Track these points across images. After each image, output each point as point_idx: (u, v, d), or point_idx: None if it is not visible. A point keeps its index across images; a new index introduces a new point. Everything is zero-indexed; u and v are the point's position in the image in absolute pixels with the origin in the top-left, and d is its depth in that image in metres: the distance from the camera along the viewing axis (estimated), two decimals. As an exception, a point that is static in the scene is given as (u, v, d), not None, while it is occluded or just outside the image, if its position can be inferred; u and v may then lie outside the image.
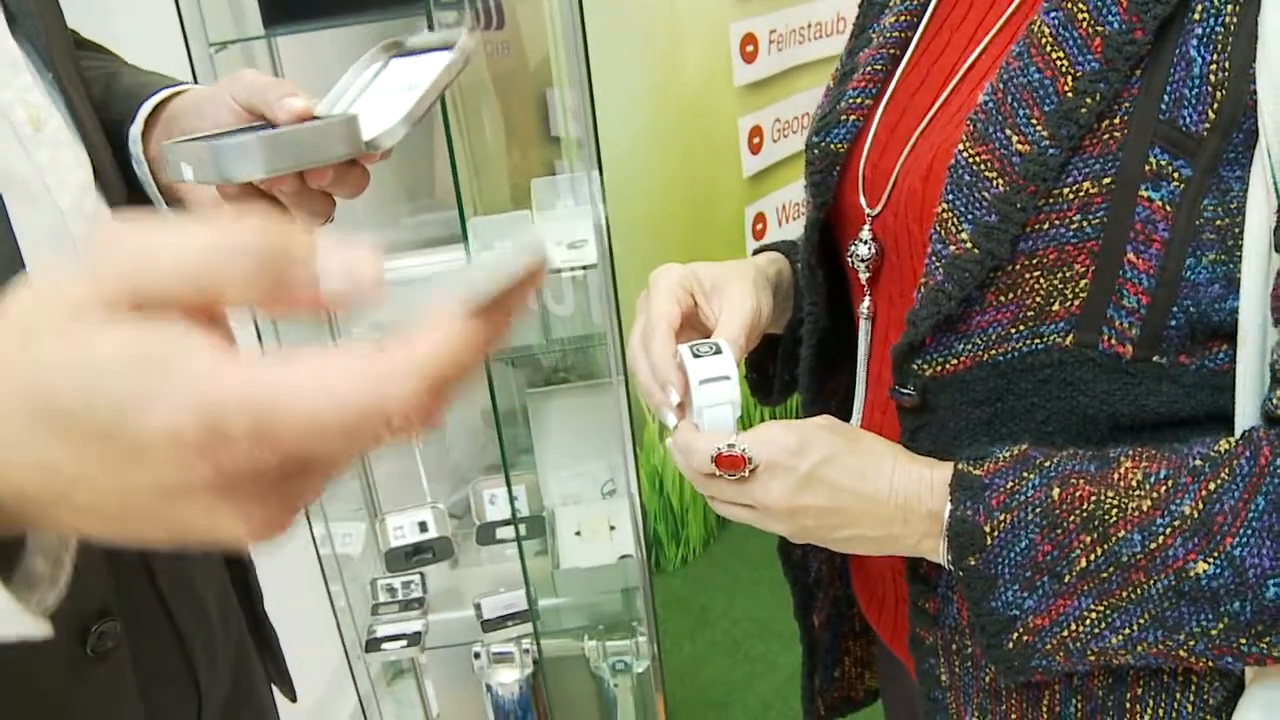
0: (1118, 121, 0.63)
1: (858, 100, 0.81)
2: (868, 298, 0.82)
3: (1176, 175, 0.62)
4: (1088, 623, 0.67)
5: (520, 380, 2.28)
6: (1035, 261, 0.66)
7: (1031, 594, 0.68)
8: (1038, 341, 0.68)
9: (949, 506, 0.69)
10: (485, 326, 0.34)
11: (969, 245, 0.67)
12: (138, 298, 0.31)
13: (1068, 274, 0.65)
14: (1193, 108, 0.61)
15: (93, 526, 0.34)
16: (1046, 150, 0.64)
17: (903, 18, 0.81)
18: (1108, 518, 0.65)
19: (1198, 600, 0.63)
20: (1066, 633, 0.68)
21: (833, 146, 0.81)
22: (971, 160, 0.67)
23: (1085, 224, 0.64)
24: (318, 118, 0.74)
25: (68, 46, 0.81)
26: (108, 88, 0.85)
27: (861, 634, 1.07)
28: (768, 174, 2.89)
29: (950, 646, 0.78)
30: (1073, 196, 0.64)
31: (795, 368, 0.93)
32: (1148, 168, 0.62)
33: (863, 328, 0.83)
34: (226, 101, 0.77)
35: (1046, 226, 0.65)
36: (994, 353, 0.69)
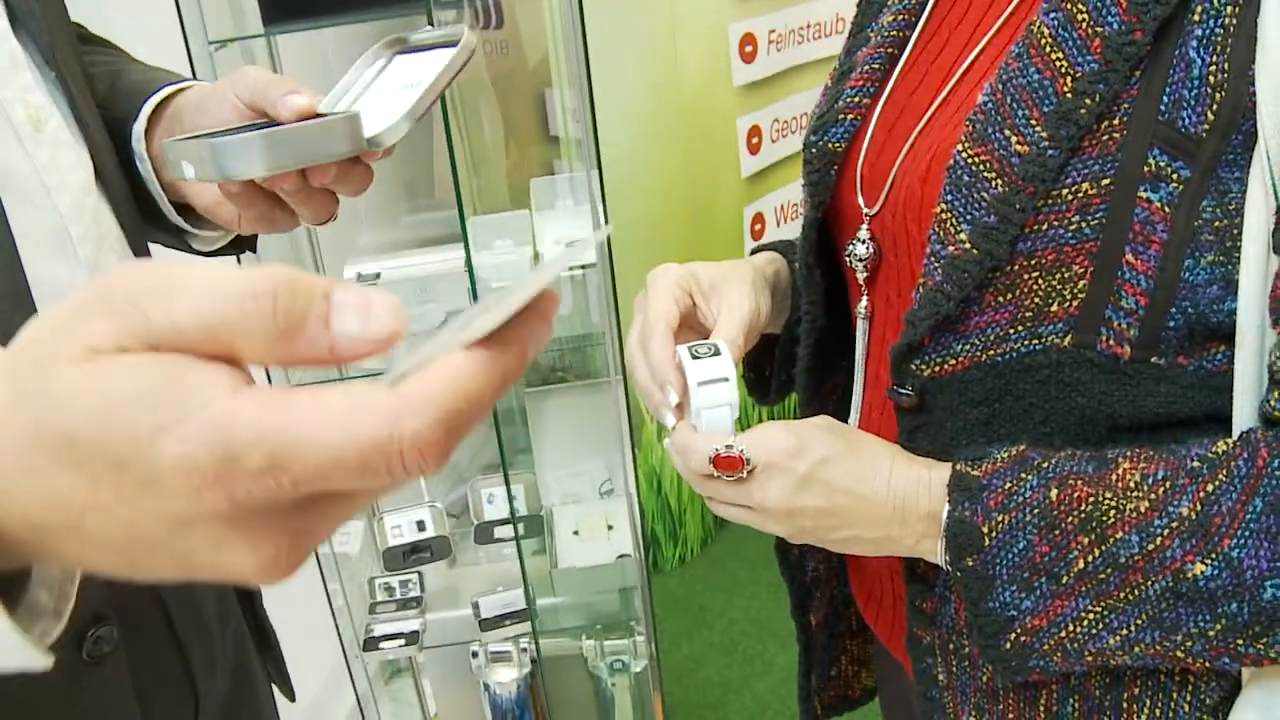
0: (1117, 122, 0.63)
1: (855, 99, 0.81)
2: (865, 298, 0.82)
3: (1175, 176, 0.62)
4: (1085, 623, 0.67)
5: (518, 379, 2.28)
6: (1034, 262, 0.66)
7: (1029, 595, 0.68)
8: (1036, 342, 0.68)
9: (947, 507, 0.70)
10: (500, 361, 0.34)
11: (968, 246, 0.67)
12: (152, 340, 0.31)
13: (1066, 275, 0.65)
14: (1192, 109, 0.61)
15: (100, 559, 0.34)
16: (1045, 151, 0.64)
17: (901, 17, 0.81)
18: (1106, 519, 0.65)
19: (1195, 601, 0.63)
20: (1064, 633, 0.68)
21: (830, 145, 0.81)
22: (970, 161, 0.67)
23: (1084, 225, 0.64)
24: (320, 115, 0.73)
25: (71, 43, 0.81)
26: (112, 85, 0.85)
27: (858, 633, 1.07)
28: (766, 174, 2.89)
29: (948, 646, 0.78)
30: (1071, 197, 0.64)
31: (792, 367, 0.93)
32: (1147, 169, 0.62)
33: (860, 327, 0.83)
34: (229, 99, 0.77)
35: (1045, 227, 0.65)
36: (992, 353, 0.69)
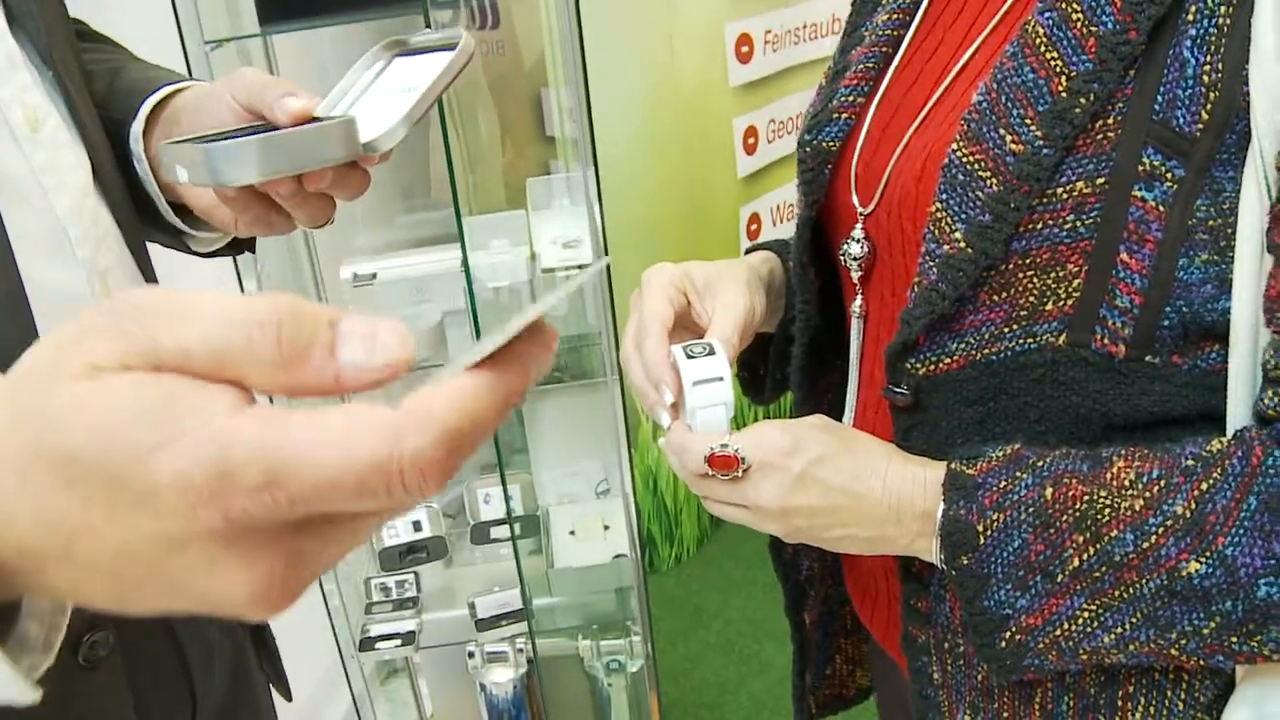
0: (1111, 122, 0.63)
1: (850, 98, 0.81)
2: (859, 296, 0.82)
3: (1170, 175, 0.62)
4: (1080, 622, 0.67)
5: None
6: (1029, 261, 0.66)
7: (1024, 593, 0.68)
8: (1031, 341, 0.68)
9: (942, 506, 0.70)
10: (502, 381, 0.33)
11: (963, 245, 0.67)
12: (157, 363, 0.31)
13: (1061, 274, 0.65)
14: (1186, 108, 0.61)
15: (91, 588, 0.33)
16: (1040, 150, 0.64)
17: (895, 16, 0.81)
18: (1100, 517, 0.65)
19: (1190, 599, 0.63)
20: (1059, 632, 0.68)
21: (825, 144, 0.81)
22: (965, 160, 0.67)
23: (1079, 224, 0.64)
24: (317, 118, 0.73)
25: (69, 42, 0.81)
26: (111, 83, 0.84)
27: (853, 632, 1.07)
28: (762, 174, 2.90)
29: (942, 645, 0.78)
30: (1066, 196, 0.64)
31: (787, 366, 0.93)
32: (1141, 168, 0.63)
33: (854, 326, 0.83)
34: (227, 100, 0.76)
35: (1040, 226, 0.65)
36: (987, 352, 0.69)
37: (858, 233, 0.79)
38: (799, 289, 0.87)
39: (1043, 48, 0.65)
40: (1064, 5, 0.65)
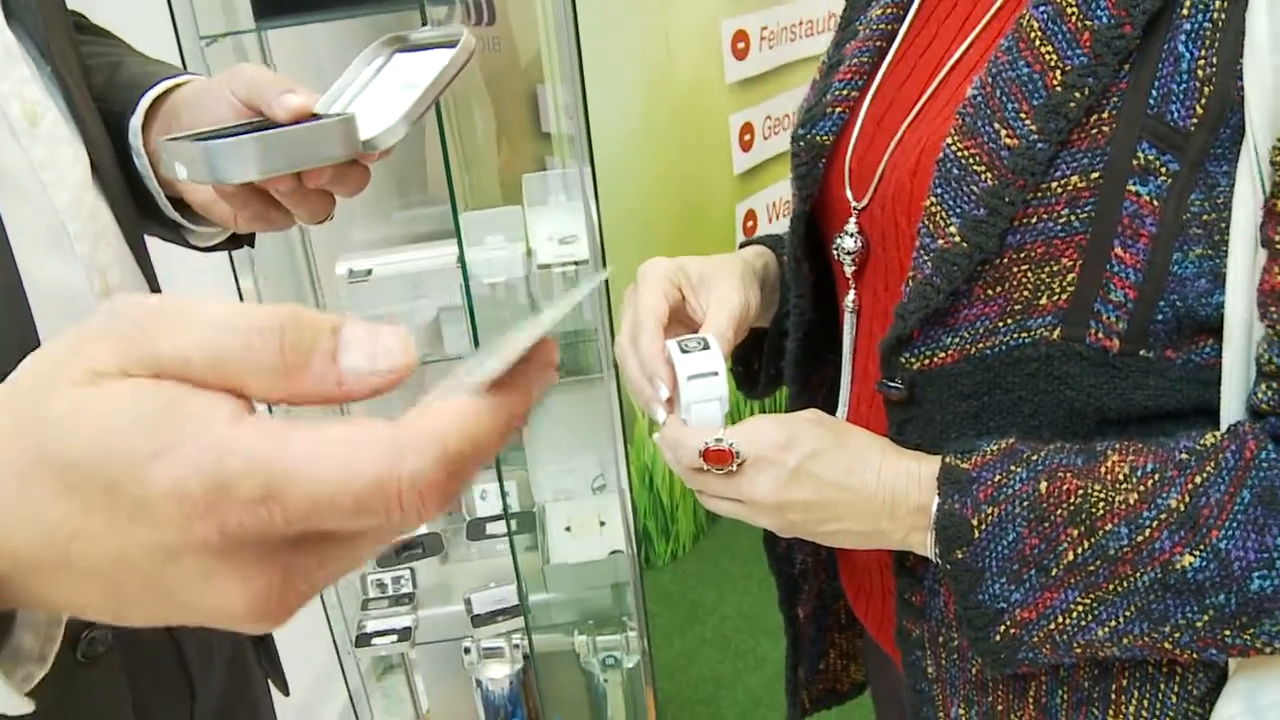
0: (1106, 116, 0.63)
1: (844, 93, 0.81)
2: (852, 291, 0.82)
3: (1164, 170, 0.62)
4: (1074, 615, 0.67)
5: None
6: (1023, 255, 0.66)
7: (1019, 587, 0.68)
8: (1025, 335, 0.68)
9: (936, 500, 0.70)
10: (505, 404, 0.33)
11: (957, 239, 0.67)
12: (158, 369, 0.30)
13: (1055, 268, 0.66)
14: (1180, 103, 0.61)
15: (87, 598, 0.33)
16: (1035, 144, 0.64)
17: (889, 10, 0.81)
18: (1095, 511, 0.65)
19: (1183, 593, 0.64)
20: (1053, 625, 0.68)
21: (818, 139, 0.81)
22: (960, 154, 0.67)
23: (1073, 218, 0.64)
24: (317, 115, 0.73)
25: (67, 36, 0.80)
26: (110, 77, 0.84)
27: (847, 627, 1.08)
28: (758, 171, 2.89)
29: (937, 639, 0.78)
30: (1061, 191, 0.64)
31: (781, 361, 0.93)
32: (1135, 162, 0.63)
33: (847, 321, 0.84)
34: (226, 96, 0.76)
35: (1034, 220, 0.65)
36: (981, 346, 0.69)
37: (851, 227, 0.79)
38: (793, 283, 0.87)
39: (1037, 42, 0.65)
40: None
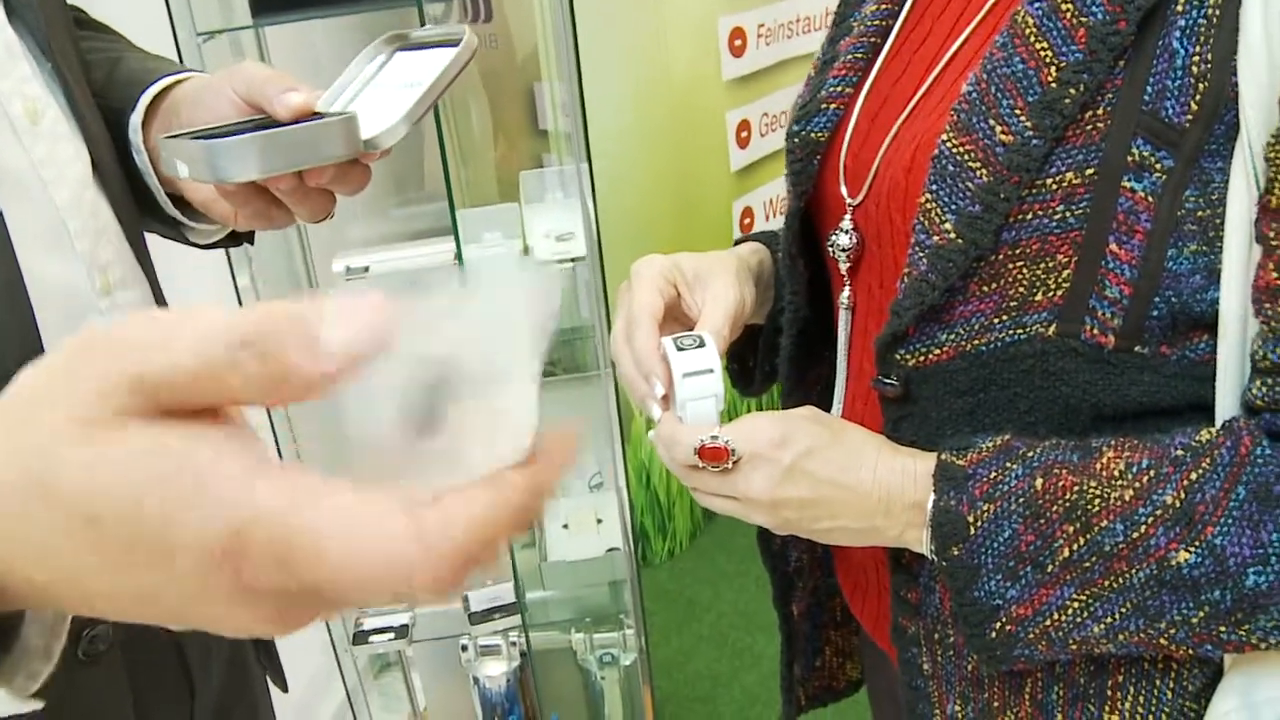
0: (1101, 112, 0.63)
1: (838, 89, 0.81)
2: (847, 288, 0.82)
3: (1159, 166, 0.62)
4: (1070, 612, 0.67)
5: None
6: (1018, 252, 0.66)
7: (1014, 584, 0.68)
8: (1020, 331, 0.68)
9: (932, 497, 0.70)
10: (518, 501, 0.33)
11: (953, 235, 0.67)
12: (144, 394, 0.30)
13: (1051, 264, 0.66)
14: (1175, 99, 0.61)
15: (98, 609, 0.34)
16: (1030, 140, 0.64)
17: (884, 6, 0.81)
18: (1090, 507, 0.65)
19: (1179, 589, 0.64)
20: (1049, 622, 0.68)
21: (813, 135, 0.81)
22: (955, 150, 0.67)
23: (1068, 214, 0.65)
24: (318, 113, 0.73)
25: (68, 33, 0.80)
26: (110, 73, 0.84)
27: (843, 624, 1.08)
28: (755, 168, 2.89)
29: (932, 636, 0.78)
30: (1056, 187, 0.64)
31: (776, 358, 0.93)
32: (1130, 158, 0.63)
33: (842, 318, 0.83)
34: (227, 94, 0.76)
35: (1030, 217, 0.65)
36: (977, 343, 0.69)
37: (846, 224, 0.79)
38: (788, 280, 0.87)
39: (1032, 38, 0.65)
40: None
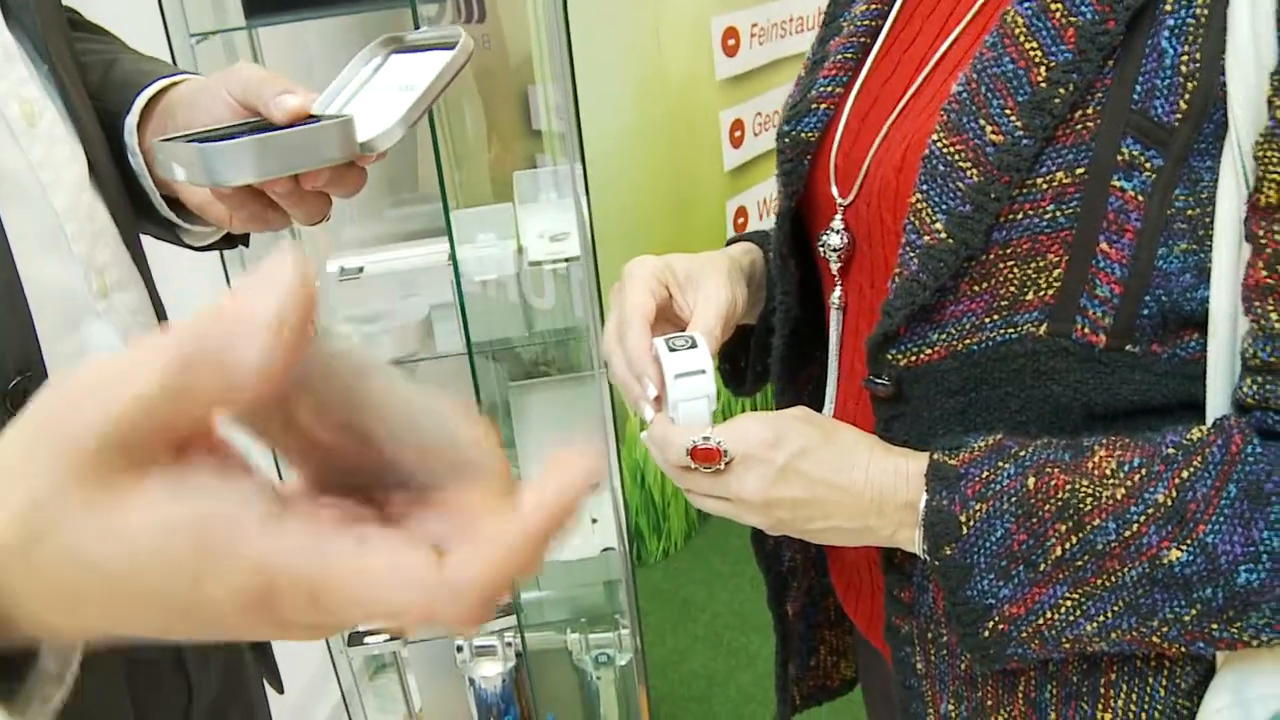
0: (1091, 112, 0.63)
1: (828, 89, 0.81)
2: (838, 288, 0.82)
3: (1149, 165, 0.62)
4: (1063, 610, 0.67)
5: (502, 374, 2.28)
6: (1009, 251, 0.66)
7: (1007, 583, 0.68)
8: (1012, 331, 0.68)
9: (924, 497, 0.70)
10: (537, 542, 0.33)
11: (943, 235, 0.67)
12: (120, 443, 0.29)
13: (1041, 264, 0.66)
14: (1164, 98, 0.62)
15: (125, 636, 0.34)
16: (1020, 140, 0.64)
17: (873, 6, 0.81)
18: (1082, 506, 0.65)
19: (1171, 587, 0.64)
20: (1042, 621, 0.68)
21: (803, 135, 0.81)
22: (945, 150, 0.67)
23: (1059, 214, 0.65)
24: (314, 115, 0.73)
25: (63, 34, 0.80)
26: (105, 75, 0.84)
27: (837, 623, 1.08)
28: (749, 167, 2.90)
29: (926, 635, 0.78)
30: (1046, 186, 0.65)
31: (768, 358, 0.93)
32: (1120, 158, 0.63)
33: (834, 318, 0.83)
34: (223, 96, 0.76)
35: (1020, 216, 0.65)
36: (968, 342, 0.70)
37: (837, 223, 0.79)
38: (779, 280, 0.87)
39: (1022, 38, 0.65)
40: None
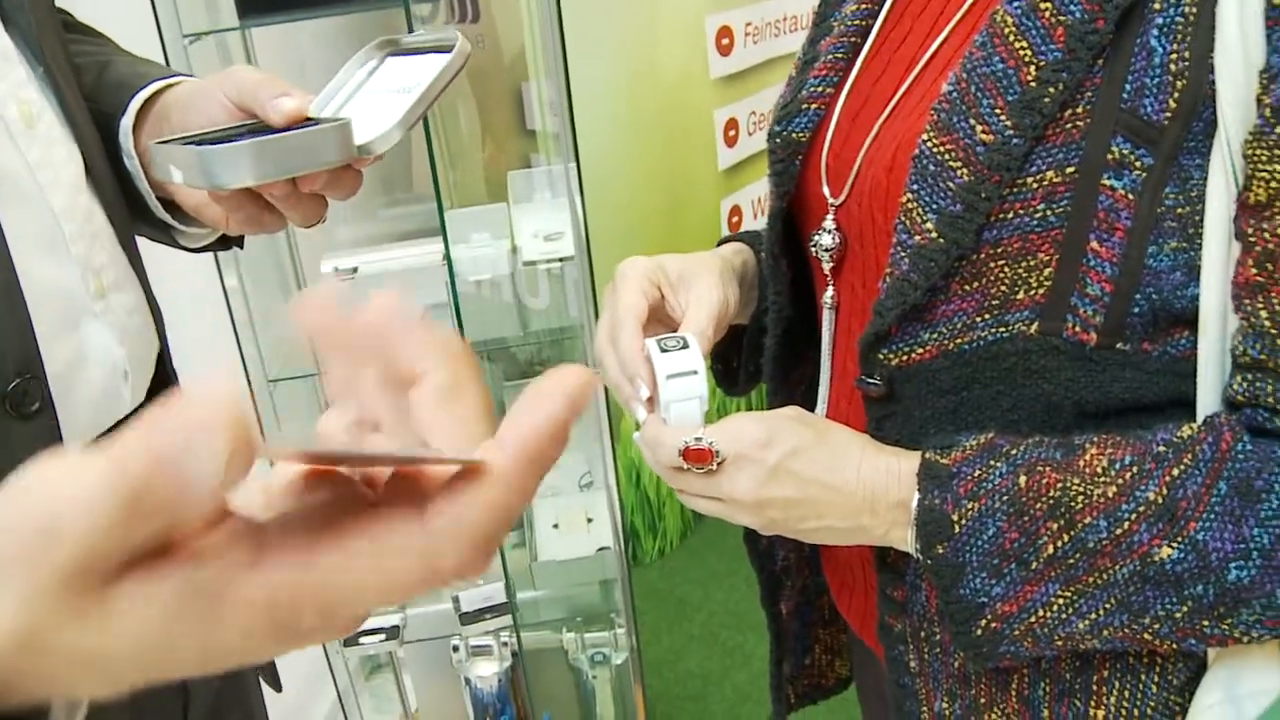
0: (1080, 111, 0.64)
1: (819, 89, 0.81)
2: (831, 288, 0.82)
3: (1138, 164, 0.62)
4: (1055, 608, 0.67)
5: (497, 374, 2.28)
6: (1000, 250, 0.66)
7: (999, 581, 0.68)
8: (1003, 330, 0.68)
9: (916, 496, 0.70)
10: (530, 471, 0.33)
11: (934, 235, 0.67)
12: (91, 567, 0.28)
13: (1032, 263, 0.66)
14: (1154, 97, 0.62)
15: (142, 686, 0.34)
16: (1010, 139, 0.65)
17: (863, 5, 0.81)
18: (1074, 504, 0.65)
19: (1162, 584, 0.64)
20: (1034, 619, 0.68)
21: (794, 135, 0.81)
22: (936, 150, 0.67)
23: (1049, 213, 0.65)
24: (311, 118, 0.72)
25: (58, 36, 0.80)
26: (99, 77, 0.84)
27: (831, 622, 1.08)
28: (743, 166, 2.89)
29: (919, 634, 0.79)
30: (1036, 185, 0.65)
31: (760, 358, 0.93)
32: (1110, 156, 0.63)
33: (826, 318, 0.84)
34: (218, 98, 0.76)
35: (1011, 216, 0.66)
36: (959, 341, 0.70)
37: (829, 223, 0.79)
38: (771, 280, 0.87)
39: (1011, 37, 0.65)
40: None
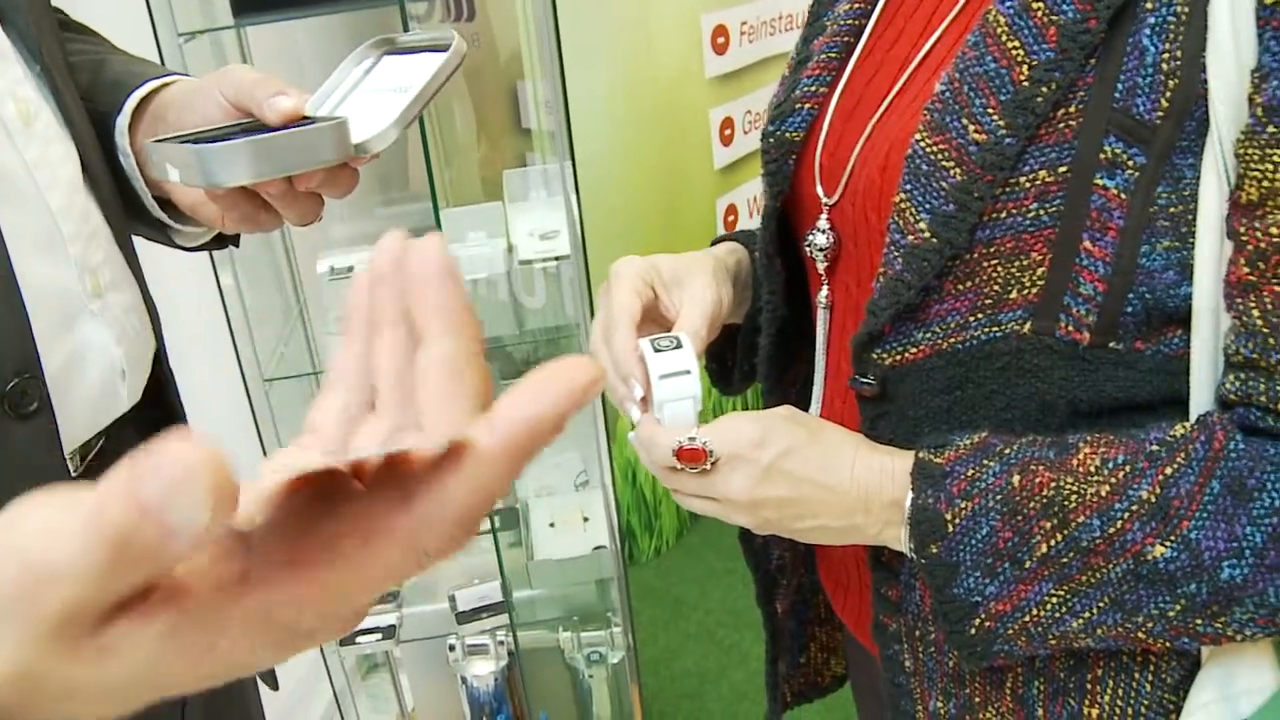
0: (1073, 110, 0.64)
1: (812, 89, 0.81)
2: (825, 287, 0.82)
3: (1131, 163, 0.62)
4: (1048, 607, 0.67)
5: (493, 373, 2.28)
6: (993, 250, 0.66)
7: (993, 580, 0.68)
8: (996, 329, 0.68)
9: (910, 495, 0.70)
10: (515, 457, 0.33)
11: (927, 235, 0.67)
12: (77, 616, 0.28)
13: (1025, 262, 0.66)
14: (1146, 96, 0.62)
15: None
16: (1003, 139, 0.65)
17: (857, 5, 0.81)
18: (1067, 503, 0.65)
19: (1155, 583, 0.64)
20: (1028, 618, 0.68)
21: (788, 135, 0.81)
22: (929, 150, 0.67)
23: (1042, 212, 0.65)
24: (307, 117, 0.73)
25: (55, 36, 0.80)
26: (94, 76, 0.84)
27: (826, 621, 1.08)
28: (739, 165, 2.89)
29: (914, 633, 0.79)
30: (1029, 185, 0.65)
31: (754, 357, 0.93)
32: (1103, 156, 0.63)
33: (820, 317, 0.84)
34: (215, 97, 0.76)
35: (1004, 215, 0.66)
36: (953, 341, 0.70)
37: (823, 223, 0.79)
38: (765, 280, 0.87)
39: (1004, 37, 0.65)
40: None
